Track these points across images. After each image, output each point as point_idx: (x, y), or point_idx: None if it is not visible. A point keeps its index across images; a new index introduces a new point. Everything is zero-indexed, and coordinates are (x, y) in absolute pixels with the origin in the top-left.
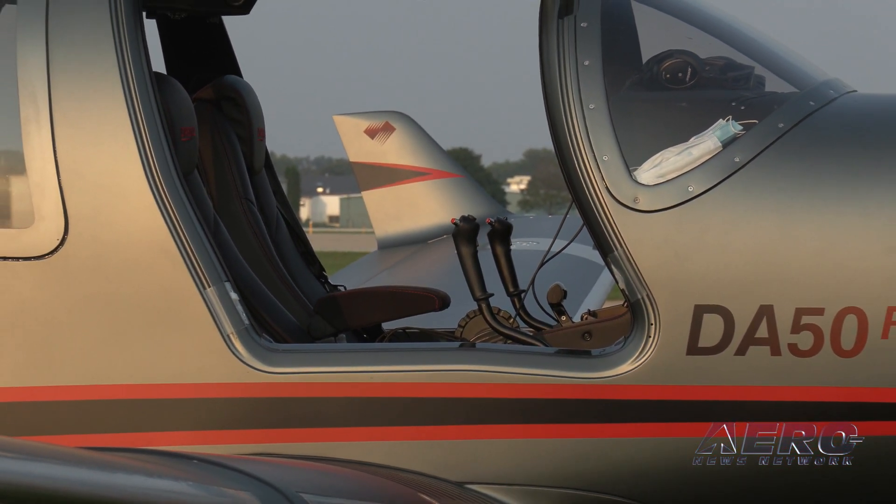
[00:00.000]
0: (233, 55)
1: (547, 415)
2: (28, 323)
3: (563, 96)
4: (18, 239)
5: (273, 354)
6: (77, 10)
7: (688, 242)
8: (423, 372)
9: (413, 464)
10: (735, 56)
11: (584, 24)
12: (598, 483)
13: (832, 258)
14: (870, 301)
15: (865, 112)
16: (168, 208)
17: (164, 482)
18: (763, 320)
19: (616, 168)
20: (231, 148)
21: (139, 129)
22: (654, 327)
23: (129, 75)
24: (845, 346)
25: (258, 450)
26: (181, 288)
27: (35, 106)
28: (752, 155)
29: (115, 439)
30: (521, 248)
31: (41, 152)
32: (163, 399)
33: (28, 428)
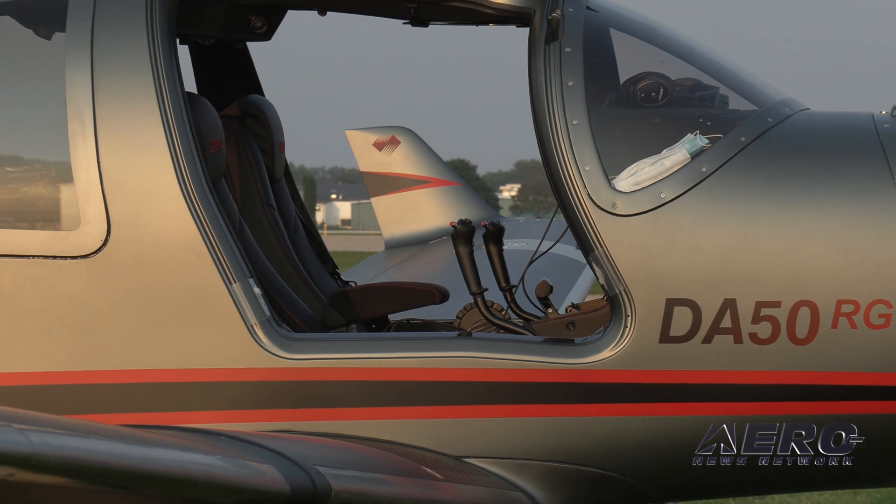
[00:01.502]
0: (256, 77)
1: (535, 396)
2: (76, 314)
3: (550, 113)
4: (67, 240)
5: (292, 343)
6: (118, 38)
7: (660, 243)
8: (424, 358)
9: (415, 440)
10: (702, 77)
11: (568, 49)
12: (580, 456)
13: (788, 257)
14: (821, 295)
15: (817, 128)
16: (198, 213)
17: (195, 456)
18: (727, 312)
19: (596, 177)
20: (254, 159)
21: (173, 143)
22: (631, 318)
23: (164, 95)
24: (799, 335)
25: (278, 427)
26: (210, 283)
27: (81, 122)
28: (717, 165)
29: (152, 418)
30: (512, 248)
31: (86, 163)
32: (194, 382)
33: (77, 407)
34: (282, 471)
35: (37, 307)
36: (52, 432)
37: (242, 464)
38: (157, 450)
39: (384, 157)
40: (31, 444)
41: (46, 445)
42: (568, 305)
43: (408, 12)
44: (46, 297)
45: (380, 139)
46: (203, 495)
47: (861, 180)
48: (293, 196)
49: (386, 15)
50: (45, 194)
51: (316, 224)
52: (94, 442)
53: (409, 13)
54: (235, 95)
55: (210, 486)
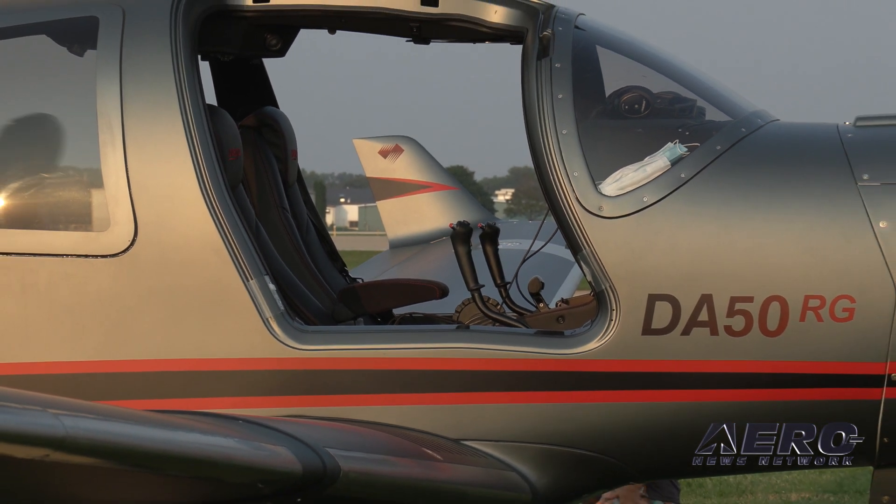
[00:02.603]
0: (271, 90)
1: (527, 384)
2: (106, 308)
3: (541, 123)
4: (97, 240)
5: (304, 334)
6: (145, 55)
7: (642, 243)
8: (426, 349)
9: (418, 424)
10: (680, 91)
11: (558, 65)
12: (568, 439)
13: (760, 256)
14: (790, 290)
15: (786, 137)
16: (218, 215)
17: (215, 439)
18: (704, 306)
19: (584, 182)
20: (269, 166)
21: (195, 151)
22: (615, 312)
23: (187, 107)
24: (770, 328)
25: (291, 412)
26: (229, 280)
27: (111, 132)
28: (695, 172)
29: (175, 403)
30: (506, 247)
31: (115, 170)
32: (214, 371)
33: (106, 394)
34: (295, 452)
35: (70, 302)
36: (83, 417)
37: (258, 446)
38: (180, 433)
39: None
40: (65, 427)
41: (78, 429)
42: (558, 300)
43: (410, 31)
44: (79, 293)
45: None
46: (222, 475)
47: (826, 185)
48: (305, 200)
49: (390, 33)
50: (77, 199)
51: (326, 225)
52: (122, 426)
53: (412, 32)
54: (252, 107)
55: (228, 466)
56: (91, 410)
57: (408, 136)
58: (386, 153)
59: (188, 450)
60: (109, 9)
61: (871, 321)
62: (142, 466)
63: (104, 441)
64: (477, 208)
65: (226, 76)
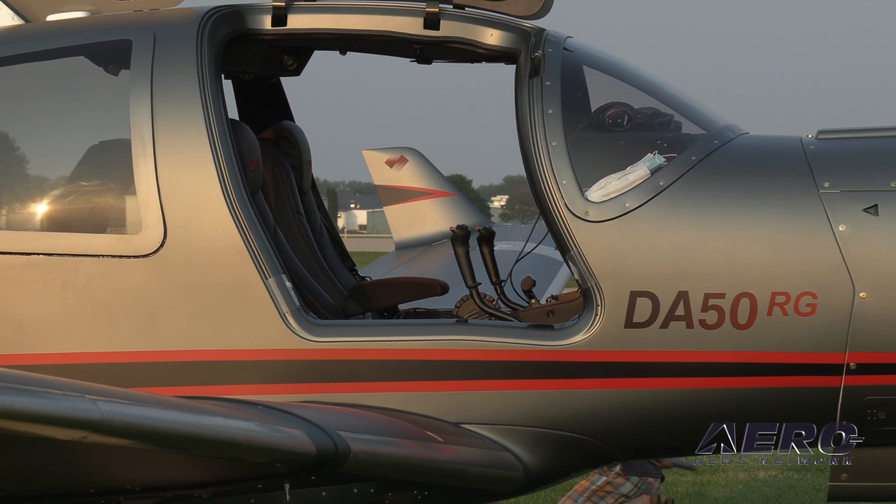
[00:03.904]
0: (288, 106)
1: (520, 373)
2: (138, 304)
3: (533, 136)
4: (130, 242)
5: (317, 328)
6: (174, 74)
7: (625, 245)
8: (428, 341)
9: (421, 409)
10: (659, 106)
11: (548, 83)
12: (558, 422)
13: (731, 256)
14: (759, 287)
15: (754, 149)
16: (240, 219)
17: (236, 422)
18: (680, 302)
19: (572, 189)
20: (286, 175)
21: (218, 161)
22: (600, 307)
23: (212, 121)
24: (741, 321)
25: (305, 399)
26: (249, 278)
27: (143, 144)
28: (673, 180)
29: (201, 390)
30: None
31: (146, 178)
32: (235, 361)
33: (138, 381)
34: (309, 435)
35: (106, 298)
36: (118, 402)
37: (276, 429)
38: (205, 417)
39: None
40: (101, 411)
41: (113, 413)
42: (548, 297)
43: (414, 52)
44: (113, 290)
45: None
46: (243, 455)
47: (791, 192)
48: (319, 205)
49: (396, 54)
50: (112, 205)
51: (337, 229)
52: (153, 410)
53: (416, 53)
54: (270, 121)
55: (249, 447)
56: (125, 396)
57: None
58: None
59: (213, 432)
60: (141, 32)
61: (832, 315)
62: (170, 447)
63: (137, 424)
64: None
65: (247, 93)
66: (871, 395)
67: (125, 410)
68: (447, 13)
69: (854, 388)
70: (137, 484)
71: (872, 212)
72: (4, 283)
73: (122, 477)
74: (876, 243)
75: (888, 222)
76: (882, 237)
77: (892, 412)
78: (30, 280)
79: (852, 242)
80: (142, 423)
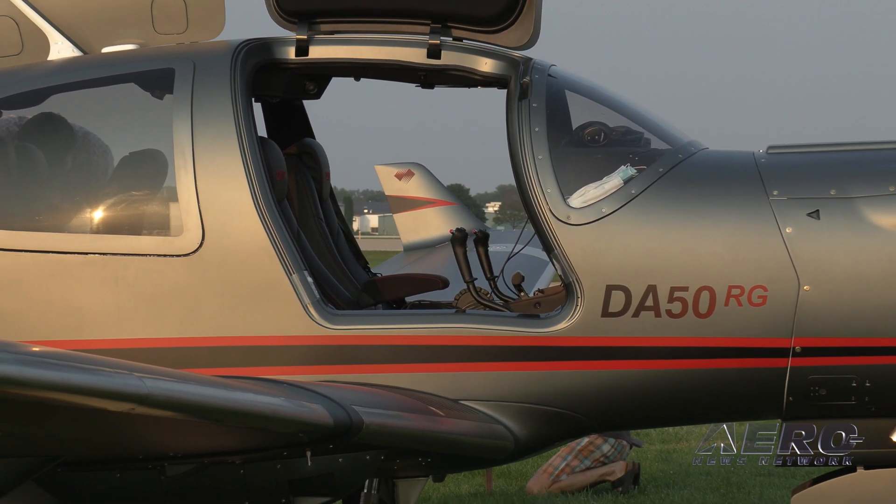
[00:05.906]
0: (309, 125)
1: (511, 356)
2: (180, 297)
3: (522, 150)
4: (173, 243)
5: (335, 317)
6: (211, 98)
7: (602, 245)
8: (431, 328)
9: (425, 387)
10: (631, 125)
11: (535, 105)
12: (543, 399)
13: (694, 255)
14: (717, 281)
15: (713, 162)
16: (268, 224)
17: (264, 398)
18: (650, 295)
19: (556, 197)
20: (308, 185)
21: (249, 173)
22: (580, 299)
23: (244, 139)
24: (702, 311)
25: (325, 378)
26: (276, 275)
27: (184, 158)
28: (643, 189)
29: (234, 371)
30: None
31: (187, 188)
32: (264, 346)
33: (180, 363)
34: (327, 409)
35: (152, 292)
36: (161, 379)
37: (299, 404)
38: (238, 393)
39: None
40: (146, 387)
41: (157, 388)
42: (535, 290)
43: (419, 78)
44: (159, 285)
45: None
46: (270, 426)
47: (744, 199)
48: (336, 211)
49: (403, 80)
50: (157, 211)
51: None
52: (192, 386)
53: (420, 79)
54: (294, 139)
55: (275, 419)
56: (168, 374)
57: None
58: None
59: (244, 406)
60: (183, 62)
61: (780, 306)
62: (207, 418)
63: (178, 398)
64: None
65: (274, 114)
66: (813, 374)
67: (167, 386)
68: (447, 45)
69: (799, 368)
70: (179, 451)
71: (815, 216)
72: (66, 279)
73: (165, 445)
74: (818, 243)
75: (828, 225)
76: (823, 238)
77: (832, 389)
78: (87, 276)
79: (798, 242)
80: (181, 398)
